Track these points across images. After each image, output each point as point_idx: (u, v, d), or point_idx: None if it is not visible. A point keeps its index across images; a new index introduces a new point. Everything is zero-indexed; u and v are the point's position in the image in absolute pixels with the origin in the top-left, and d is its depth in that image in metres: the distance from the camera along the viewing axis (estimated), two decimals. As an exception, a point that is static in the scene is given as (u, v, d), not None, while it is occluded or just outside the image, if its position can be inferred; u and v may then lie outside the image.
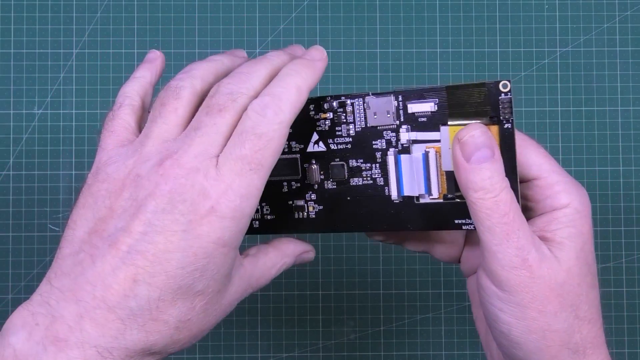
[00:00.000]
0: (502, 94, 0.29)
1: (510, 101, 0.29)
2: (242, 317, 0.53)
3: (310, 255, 0.35)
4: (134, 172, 0.28)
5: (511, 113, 0.29)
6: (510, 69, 0.54)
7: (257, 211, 0.35)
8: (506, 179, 0.29)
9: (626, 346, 0.52)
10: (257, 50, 0.54)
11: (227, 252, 0.28)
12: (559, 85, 0.54)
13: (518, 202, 0.29)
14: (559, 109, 0.54)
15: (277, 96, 0.28)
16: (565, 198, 0.30)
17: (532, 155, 0.31)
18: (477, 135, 0.29)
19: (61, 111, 0.53)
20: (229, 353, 0.52)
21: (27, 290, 0.52)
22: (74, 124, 0.53)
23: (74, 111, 0.53)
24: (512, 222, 0.28)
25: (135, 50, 0.53)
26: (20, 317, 0.27)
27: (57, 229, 0.52)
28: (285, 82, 0.29)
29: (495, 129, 0.29)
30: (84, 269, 0.27)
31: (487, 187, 0.28)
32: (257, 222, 0.35)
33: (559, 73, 0.54)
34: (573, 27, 0.54)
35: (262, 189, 0.28)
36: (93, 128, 0.53)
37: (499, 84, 0.29)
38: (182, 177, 0.27)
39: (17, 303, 0.52)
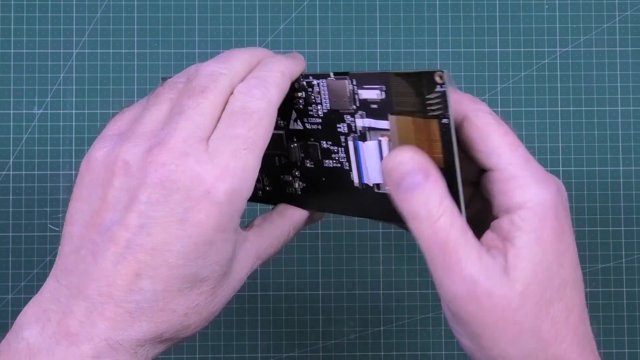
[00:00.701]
0: (438, 86, 0.25)
1: (444, 95, 0.25)
2: (242, 317, 0.53)
3: (319, 215, 0.34)
4: (121, 159, 0.27)
5: (446, 108, 0.25)
6: (510, 69, 0.54)
7: (259, 181, 0.35)
8: (447, 200, 0.26)
9: (626, 346, 0.52)
10: (257, 50, 0.54)
11: (228, 237, 0.27)
12: (559, 85, 0.54)
13: (462, 213, 0.26)
14: (559, 109, 0.54)
15: (263, 78, 0.28)
16: (519, 196, 0.26)
17: (494, 142, 0.27)
18: (403, 161, 0.26)
19: (61, 111, 0.53)
20: (229, 353, 0.52)
21: (27, 290, 0.52)
22: (74, 124, 0.53)
23: (74, 111, 0.53)
24: (453, 252, 0.26)
25: (135, 50, 0.53)
26: (33, 312, 0.27)
27: (57, 229, 0.52)
28: (269, 67, 0.29)
29: (435, 124, 0.26)
30: (86, 266, 0.27)
31: (421, 215, 0.26)
32: (260, 192, 0.35)
33: (559, 73, 0.54)
34: (573, 27, 0.54)
35: (258, 170, 0.28)
36: (93, 128, 0.53)
37: (433, 74, 0.25)
38: (172, 164, 0.26)
39: (17, 303, 0.52)
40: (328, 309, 0.53)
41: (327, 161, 0.32)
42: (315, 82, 0.30)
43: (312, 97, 0.31)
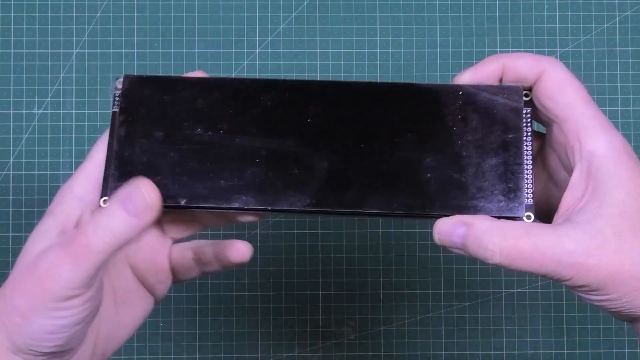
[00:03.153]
0: None
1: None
2: (242, 317, 0.53)
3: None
4: None
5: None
6: (510, 69, 0.54)
7: None
8: (492, 226, 0.29)
9: (626, 346, 0.52)
10: (257, 50, 0.54)
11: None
12: (559, 85, 0.54)
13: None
14: (559, 109, 0.54)
15: None
16: (591, 144, 0.29)
17: (569, 95, 0.30)
18: (441, 230, 0.30)
19: (61, 111, 0.53)
20: (229, 353, 0.52)
21: (27, 290, 0.52)
22: (74, 124, 0.53)
23: (74, 111, 0.53)
24: (532, 252, 0.28)
25: (135, 51, 0.53)
26: None
27: (57, 229, 0.52)
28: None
29: None
30: None
31: (487, 255, 0.29)
32: None
33: (559, 73, 0.54)
34: (573, 27, 0.54)
35: None
36: (93, 128, 0.53)
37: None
38: None
39: (17, 303, 0.52)
40: (328, 309, 0.53)
41: None
42: None
43: None
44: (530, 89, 0.31)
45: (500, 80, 0.32)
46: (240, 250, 0.33)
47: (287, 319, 0.53)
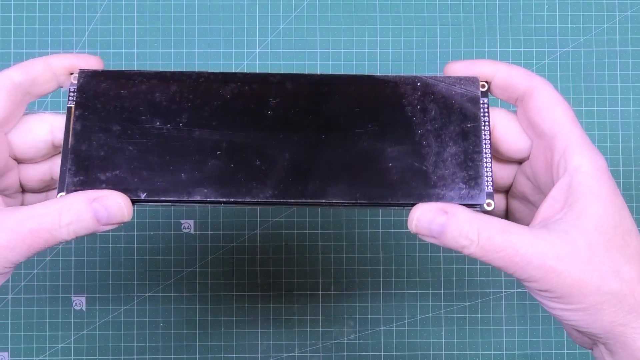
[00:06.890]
0: None
1: None
2: (242, 317, 0.53)
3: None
4: None
5: None
6: (510, 69, 0.54)
7: None
8: (474, 218, 0.29)
9: (626, 346, 0.52)
10: (257, 50, 0.54)
11: None
12: (559, 85, 0.54)
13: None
14: (559, 109, 0.54)
15: None
16: (577, 160, 0.30)
17: (557, 114, 0.31)
18: (420, 217, 0.30)
19: (61, 111, 0.53)
20: (229, 353, 0.52)
21: (27, 290, 0.52)
22: (74, 124, 0.53)
23: (74, 111, 0.53)
24: (508, 250, 0.29)
25: (135, 50, 0.53)
26: None
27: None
28: None
29: None
30: None
31: (466, 244, 0.29)
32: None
33: (559, 73, 0.54)
34: (573, 27, 0.54)
35: None
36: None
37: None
38: None
39: (17, 303, 0.52)
40: (328, 309, 0.53)
41: None
42: None
43: None
44: (487, 82, 0.33)
45: (488, 84, 0.33)
46: None
47: (287, 319, 0.53)
